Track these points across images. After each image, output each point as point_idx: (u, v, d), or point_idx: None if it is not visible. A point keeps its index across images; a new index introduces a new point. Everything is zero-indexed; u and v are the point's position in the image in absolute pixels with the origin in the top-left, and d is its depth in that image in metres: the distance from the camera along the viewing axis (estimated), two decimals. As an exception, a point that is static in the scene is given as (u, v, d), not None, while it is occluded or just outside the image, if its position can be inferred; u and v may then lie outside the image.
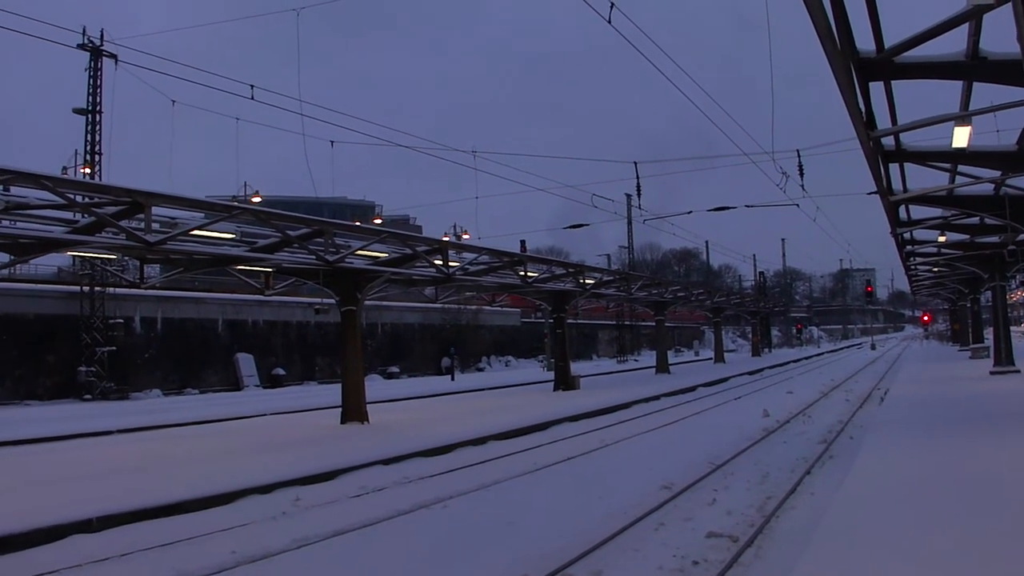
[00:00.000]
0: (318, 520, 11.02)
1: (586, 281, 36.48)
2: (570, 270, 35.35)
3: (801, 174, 30.11)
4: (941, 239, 30.86)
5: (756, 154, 27.52)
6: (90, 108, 36.83)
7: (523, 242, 59.99)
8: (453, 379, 48.14)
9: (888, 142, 16.32)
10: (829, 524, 8.20)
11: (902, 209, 24.91)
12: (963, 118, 13.80)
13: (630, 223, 65.66)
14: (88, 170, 36.40)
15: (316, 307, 41.04)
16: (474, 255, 28.79)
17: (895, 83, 13.14)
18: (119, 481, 13.23)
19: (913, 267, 45.30)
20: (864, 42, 11.12)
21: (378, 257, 24.27)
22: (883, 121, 14.40)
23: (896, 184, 20.05)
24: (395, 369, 56.59)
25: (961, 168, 18.87)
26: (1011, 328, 33.87)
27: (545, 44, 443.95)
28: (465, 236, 62.15)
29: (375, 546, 9.68)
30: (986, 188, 21.06)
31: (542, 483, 13.58)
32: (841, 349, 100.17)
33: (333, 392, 26.92)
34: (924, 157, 17.64)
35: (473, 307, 62.44)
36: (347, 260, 21.50)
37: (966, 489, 9.39)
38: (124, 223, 16.43)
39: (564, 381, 34.40)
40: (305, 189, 75.96)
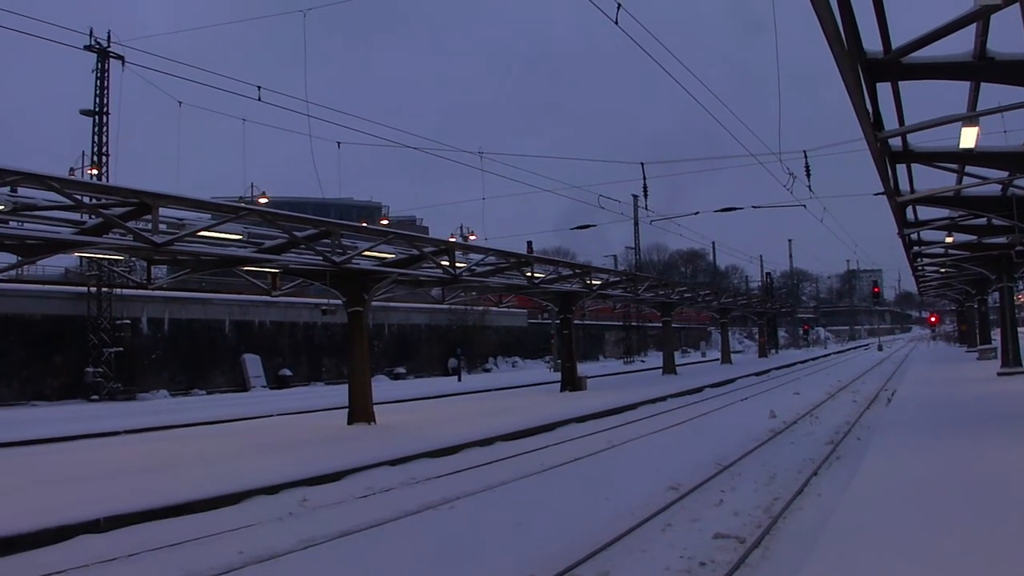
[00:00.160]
0: (325, 521, 11.04)
1: (593, 282, 36.46)
2: (577, 271, 35.32)
3: (808, 175, 30.06)
4: (948, 240, 30.79)
5: (763, 155, 27.52)
6: (97, 109, 36.98)
7: (530, 243, 60.08)
8: (460, 380, 48.09)
9: (895, 143, 16.28)
10: (836, 525, 8.19)
11: (909, 210, 24.87)
12: (970, 119, 13.79)
13: (636, 224, 65.76)
14: (95, 171, 36.50)
15: (323, 308, 41.01)
16: (481, 256, 28.80)
17: (902, 84, 13.12)
18: (126, 481, 13.26)
19: (920, 268, 45.20)
20: (871, 43, 11.11)
21: (385, 258, 24.29)
22: (890, 122, 14.39)
23: (903, 185, 20.02)
24: (402, 370, 56.63)
25: (968, 169, 18.84)
26: (1019, 329, 33.77)
27: (547, 44, 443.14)
28: (472, 237, 62.21)
29: (382, 547, 9.69)
30: (993, 189, 21.02)
31: (549, 484, 13.57)
32: (848, 350, 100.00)
33: (340, 393, 26.96)
34: (931, 158, 17.59)
35: (480, 308, 62.47)
36: (354, 261, 21.53)
37: (973, 490, 9.36)
38: (131, 224, 16.48)
39: (571, 382, 34.40)
40: (312, 190, 76.15)
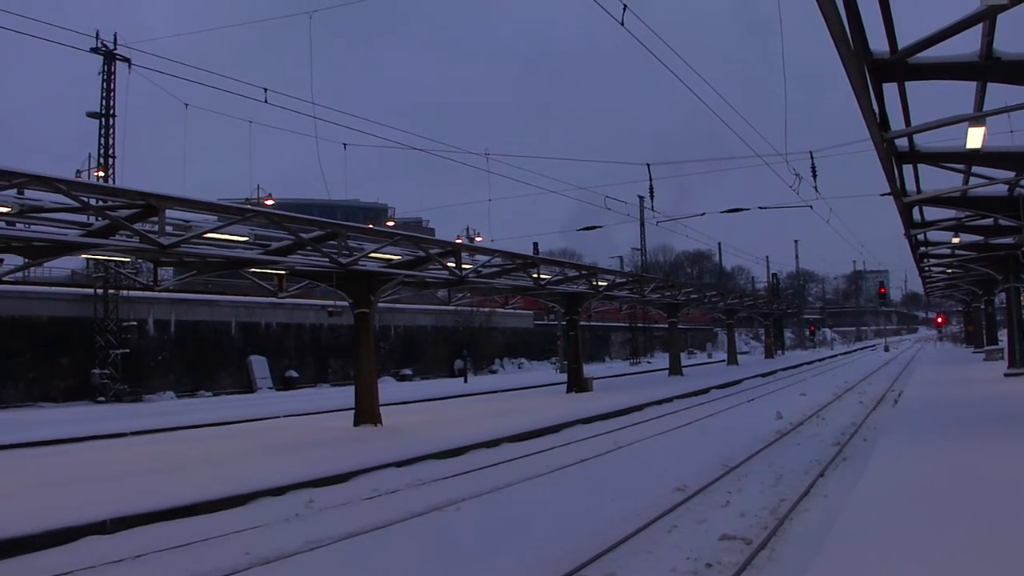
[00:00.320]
0: (331, 522, 11.05)
1: (599, 283, 36.46)
2: (583, 272, 35.31)
3: (814, 176, 29.97)
4: (955, 240, 30.69)
5: (769, 156, 27.47)
6: (104, 111, 37.11)
7: (536, 244, 60.04)
8: (466, 381, 48.13)
9: (902, 143, 16.24)
10: (843, 527, 8.17)
11: (916, 210, 24.80)
12: (977, 119, 13.73)
13: (643, 225, 65.69)
14: (102, 173, 36.63)
15: (329, 309, 41.02)
16: (487, 257, 28.80)
17: (909, 84, 13.08)
18: (133, 483, 13.29)
19: (927, 268, 45.09)
20: (878, 43, 11.07)
21: (391, 259, 24.29)
22: (897, 122, 14.34)
23: (910, 185, 19.96)
24: (408, 371, 56.66)
25: (975, 169, 18.77)
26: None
27: (547, 44, 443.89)
28: (478, 238, 62.32)
29: (388, 548, 9.70)
30: (1000, 189, 20.94)
31: (555, 485, 13.57)
32: (854, 351, 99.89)
33: (346, 394, 26.97)
34: (938, 158, 17.54)
35: (486, 309, 62.46)
36: (360, 263, 21.54)
37: (980, 492, 9.34)
38: (138, 226, 16.52)
39: (577, 383, 34.38)
40: (318, 192, 76.34)
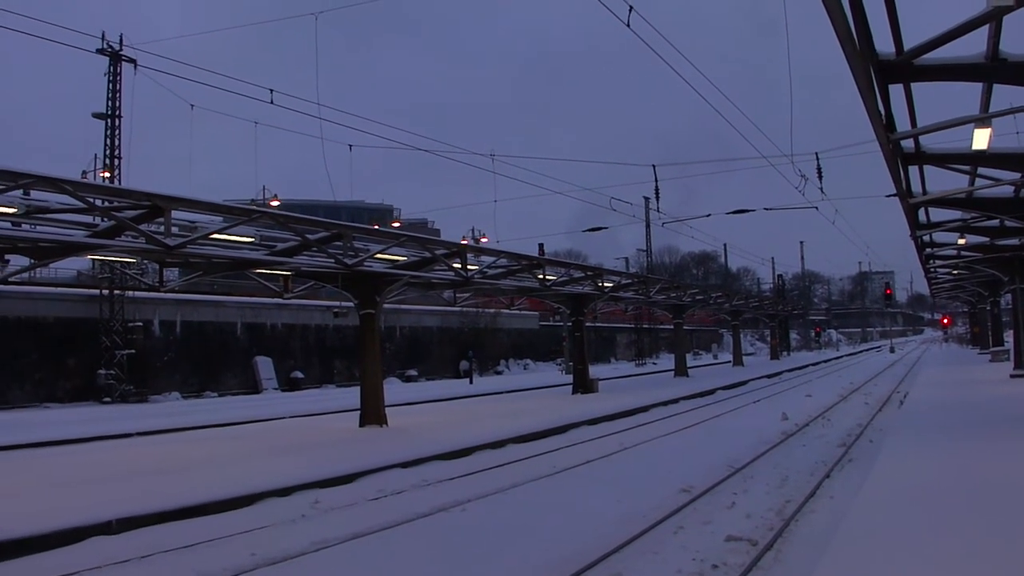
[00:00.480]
0: (337, 523, 11.07)
1: (604, 284, 36.43)
2: (588, 273, 35.30)
3: (820, 177, 29.91)
4: (961, 241, 30.61)
5: (775, 157, 27.46)
6: (109, 112, 37.17)
7: (541, 245, 60.10)
8: (471, 382, 48.12)
9: (908, 144, 16.20)
10: (848, 528, 8.16)
11: (922, 212, 24.73)
12: (983, 120, 13.70)
13: (648, 226, 65.61)
14: (108, 174, 36.68)
15: (335, 310, 40.93)
16: (492, 258, 28.79)
17: (915, 85, 13.05)
18: (139, 483, 13.32)
19: (932, 270, 44.96)
20: (884, 44, 11.05)
21: (397, 260, 24.31)
22: (903, 123, 14.31)
23: (916, 186, 19.92)
24: (413, 372, 56.70)
25: (981, 170, 18.72)
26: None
27: (549, 45, 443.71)
28: (483, 239, 62.30)
29: (394, 549, 9.71)
30: (1006, 190, 20.88)
31: (561, 486, 13.58)
32: (860, 352, 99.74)
33: (351, 395, 27.01)
34: (944, 159, 17.49)
35: (491, 310, 62.46)
36: (366, 264, 21.57)
37: (986, 494, 9.32)
38: (144, 227, 16.55)
39: (582, 384, 34.39)
40: (323, 193, 76.60)
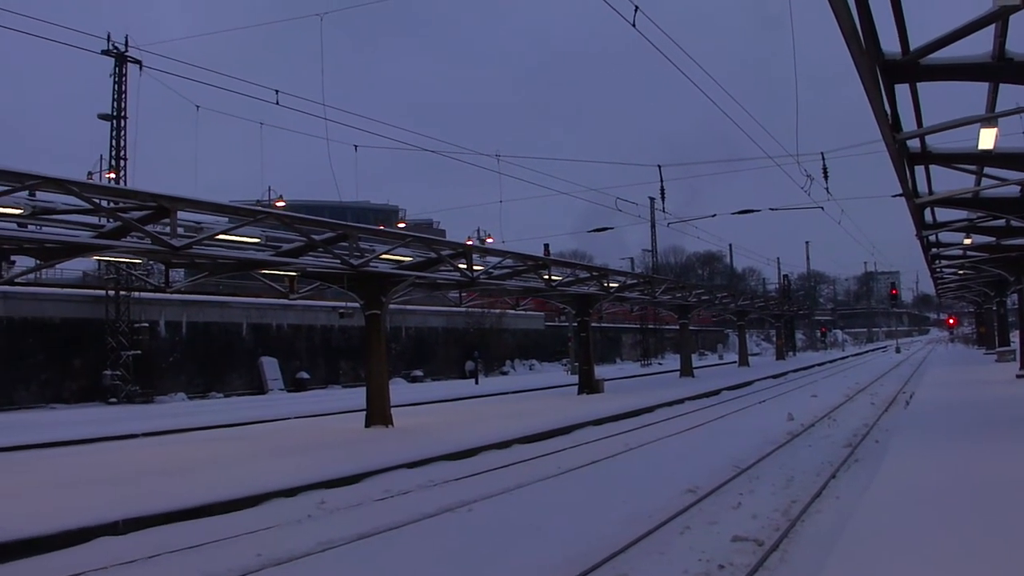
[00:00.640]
0: (343, 523, 11.08)
1: (610, 285, 36.42)
2: (594, 274, 35.28)
3: (826, 177, 29.87)
4: (967, 242, 30.55)
5: (780, 157, 27.38)
6: (115, 113, 37.24)
7: (547, 246, 60.16)
8: (477, 383, 48.13)
9: (914, 144, 16.17)
10: (855, 528, 8.15)
11: (927, 212, 24.68)
12: (989, 120, 13.67)
13: (654, 226, 65.64)
14: (113, 175, 36.76)
15: (340, 311, 41.22)
16: (498, 259, 28.80)
17: (921, 84, 13.03)
18: (145, 484, 13.34)
19: (938, 270, 44.88)
20: (890, 44, 11.03)
21: (402, 261, 24.32)
22: (908, 123, 14.28)
23: (922, 186, 19.88)
24: (419, 373, 56.75)
25: (987, 170, 18.67)
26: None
27: (553, 45, 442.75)
28: (489, 240, 62.34)
29: (400, 549, 9.71)
30: (1012, 190, 20.82)
31: (567, 487, 13.57)
32: (866, 352, 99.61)
33: (357, 396, 27.01)
34: (950, 159, 17.46)
35: (497, 311, 62.50)
36: (371, 264, 21.57)
37: (993, 494, 9.29)
38: (150, 228, 16.59)
39: (588, 385, 34.36)
40: (329, 193, 76.51)
